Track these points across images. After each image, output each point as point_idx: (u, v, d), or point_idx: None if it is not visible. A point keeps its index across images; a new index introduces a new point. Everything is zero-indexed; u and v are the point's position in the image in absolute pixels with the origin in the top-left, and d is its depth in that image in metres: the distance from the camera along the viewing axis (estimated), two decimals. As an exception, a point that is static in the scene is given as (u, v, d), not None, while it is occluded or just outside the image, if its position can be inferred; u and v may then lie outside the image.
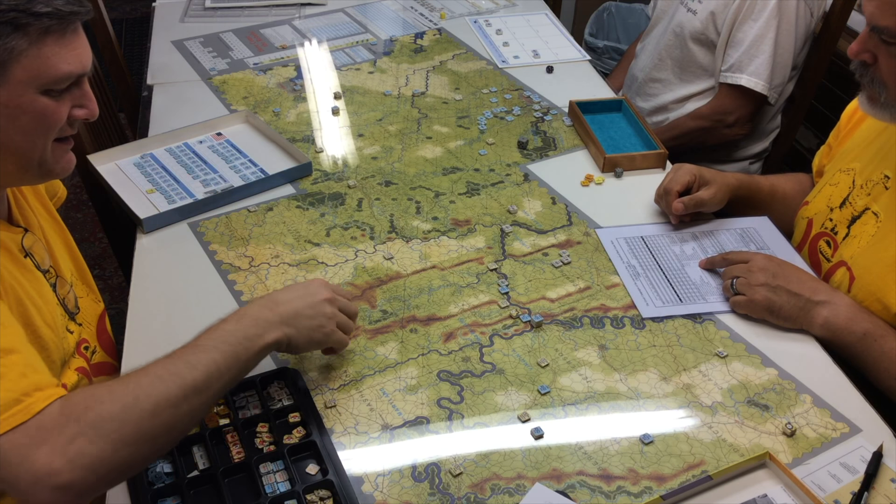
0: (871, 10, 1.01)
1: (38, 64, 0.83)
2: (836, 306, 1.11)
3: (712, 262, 1.23)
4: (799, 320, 1.12)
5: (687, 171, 1.31)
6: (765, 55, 1.71)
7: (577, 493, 0.93)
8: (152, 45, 1.88)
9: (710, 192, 1.29)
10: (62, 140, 0.93)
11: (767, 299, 1.12)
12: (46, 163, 0.92)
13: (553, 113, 1.65)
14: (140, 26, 3.94)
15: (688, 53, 1.84)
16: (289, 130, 1.57)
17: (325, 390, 1.04)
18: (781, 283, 1.13)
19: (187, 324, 1.13)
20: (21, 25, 0.81)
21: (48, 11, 0.82)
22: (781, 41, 1.71)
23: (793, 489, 0.93)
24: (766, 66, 1.71)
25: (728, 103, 1.79)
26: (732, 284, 1.16)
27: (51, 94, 0.86)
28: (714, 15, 1.76)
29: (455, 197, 1.40)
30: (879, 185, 1.18)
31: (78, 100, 0.90)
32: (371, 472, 0.94)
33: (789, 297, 1.12)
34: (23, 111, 0.85)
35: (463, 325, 1.15)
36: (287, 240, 1.29)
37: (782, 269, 1.15)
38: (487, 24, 2.01)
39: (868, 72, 1.06)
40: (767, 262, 1.16)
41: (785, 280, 1.13)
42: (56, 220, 1.13)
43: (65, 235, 1.14)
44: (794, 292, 1.12)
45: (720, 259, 1.23)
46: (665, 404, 1.04)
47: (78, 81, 0.89)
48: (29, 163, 0.90)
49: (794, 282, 1.13)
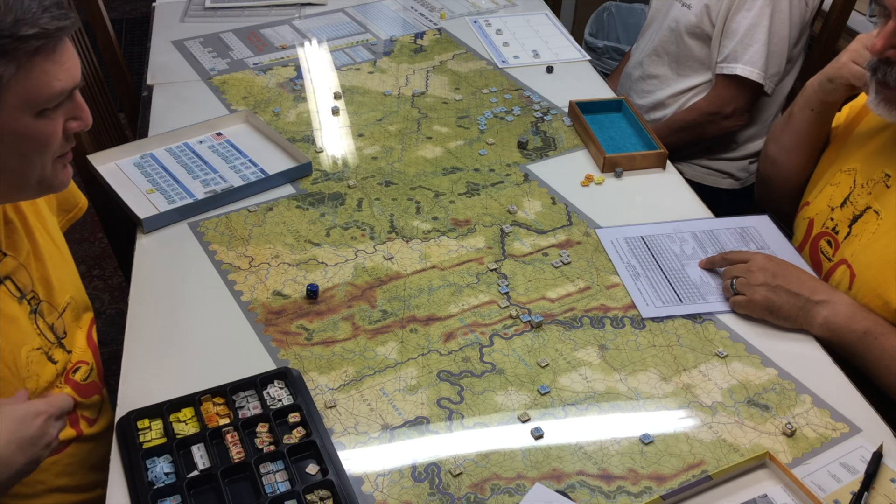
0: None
1: (30, 87, 0.81)
2: (835, 305, 1.11)
3: (712, 262, 1.23)
4: (798, 320, 1.12)
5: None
6: (759, 44, 1.71)
7: (577, 493, 0.93)
8: (152, 45, 1.88)
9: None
10: (61, 156, 0.91)
11: (767, 299, 1.12)
12: (46, 179, 0.90)
13: (553, 113, 1.65)
14: (140, 26, 3.94)
15: (684, 48, 1.85)
16: (289, 130, 1.57)
17: (325, 390, 1.04)
18: (781, 282, 1.12)
19: (187, 324, 1.14)
20: (8, 52, 0.78)
21: (35, 33, 0.78)
22: (775, 30, 1.72)
23: (793, 489, 0.93)
24: (761, 55, 1.72)
25: (725, 94, 1.80)
26: (732, 284, 1.16)
27: (45, 114, 0.84)
28: (708, 7, 1.77)
29: (455, 197, 1.40)
30: (880, 183, 1.18)
31: (71, 112, 0.88)
32: (371, 472, 0.95)
33: (789, 297, 1.12)
34: (19, 136, 0.83)
35: (463, 325, 1.15)
36: (287, 240, 1.29)
37: (782, 269, 1.14)
38: (487, 24, 2.01)
39: (892, 70, 1.04)
40: (767, 262, 1.15)
41: (784, 280, 1.13)
42: (55, 243, 1.10)
43: (65, 258, 1.12)
44: (794, 292, 1.12)
45: (720, 259, 1.22)
46: (665, 404, 1.04)
47: (70, 94, 0.87)
48: (27, 182, 0.89)
49: (793, 281, 1.13)
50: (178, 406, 1.00)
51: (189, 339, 1.11)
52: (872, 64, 1.07)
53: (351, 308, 1.17)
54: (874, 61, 1.06)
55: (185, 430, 0.97)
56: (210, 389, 1.01)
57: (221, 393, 1.01)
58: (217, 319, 1.14)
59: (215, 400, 1.01)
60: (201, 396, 1.00)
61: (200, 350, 1.09)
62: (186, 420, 0.99)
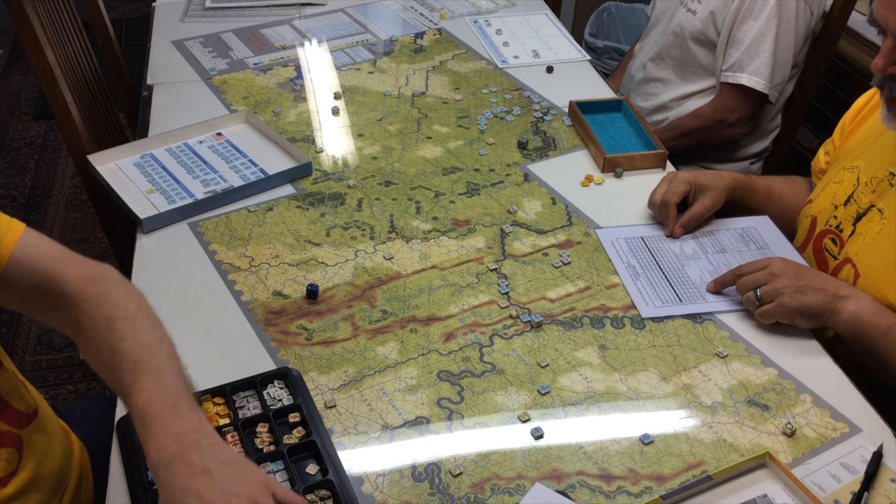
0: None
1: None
2: (860, 300, 1.09)
3: (724, 283, 1.19)
4: (824, 316, 1.10)
5: (683, 181, 1.30)
6: (765, 54, 1.71)
7: (577, 493, 0.93)
8: (152, 45, 1.88)
9: (706, 203, 1.30)
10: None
11: (798, 301, 1.10)
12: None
13: (553, 113, 1.65)
14: (140, 26, 3.94)
15: (688, 53, 1.84)
16: (289, 130, 1.57)
17: (325, 390, 1.04)
18: (805, 282, 1.11)
19: (187, 324, 1.14)
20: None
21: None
22: (782, 40, 1.71)
23: (793, 489, 0.93)
24: (767, 66, 1.72)
25: (729, 102, 1.80)
26: (757, 296, 1.13)
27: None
28: (714, 15, 1.76)
29: (455, 197, 1.40)
30: (884, 182, 1.18)
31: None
32: (371, 472, 0.95)
33: (816, 294, 1.10)
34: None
35: (463, 325, 1.15)
36: (287, 240, 1.29)
37: (801, 269, 1.14)
38: (487, 24, 2.01)
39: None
40: (786, 265, 1.13)
41: (808, 279, 1.11)
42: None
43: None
44: (821, 288, 1.10)
45: (732, 276, 1.18)
46: (665, 404, 1.04)
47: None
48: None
49: (816, 279, 1.12)
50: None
51: (189, 339, 1.11)
52: (878, 81, 1.07)
53: (351, 308, 1.17)
54: (879, 79, 1.06)
55: (185, 430, 0.97)
56: (210, 389, 1.01)
57: (221, 393, 1.01)
58: (217, 319, 1.14)
59: (215, 400, 1.01)
60: (201, 396, 1.00)
61: (200, 350, 1.09)
62: (186, 420, 0.98)
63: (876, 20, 1.03)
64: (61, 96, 1.49)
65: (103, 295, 0.88)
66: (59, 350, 2.29)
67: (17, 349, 2.29)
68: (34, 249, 0.92)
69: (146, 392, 0.79)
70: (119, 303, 0.88)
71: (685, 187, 1.29)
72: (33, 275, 0.90)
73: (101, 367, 0.87)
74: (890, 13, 1.00)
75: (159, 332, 0.87)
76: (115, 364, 0.83)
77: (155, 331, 0.87)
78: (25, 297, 0.92)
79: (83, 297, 0.89)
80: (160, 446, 0.75)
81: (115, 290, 0.89)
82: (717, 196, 1.30)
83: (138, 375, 0.81)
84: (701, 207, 1.30)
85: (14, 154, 3.13)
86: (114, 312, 0.87)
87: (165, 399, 0.79)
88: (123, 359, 0.83)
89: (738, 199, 1.35)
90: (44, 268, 0.90)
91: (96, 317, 0.87)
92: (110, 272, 0.93)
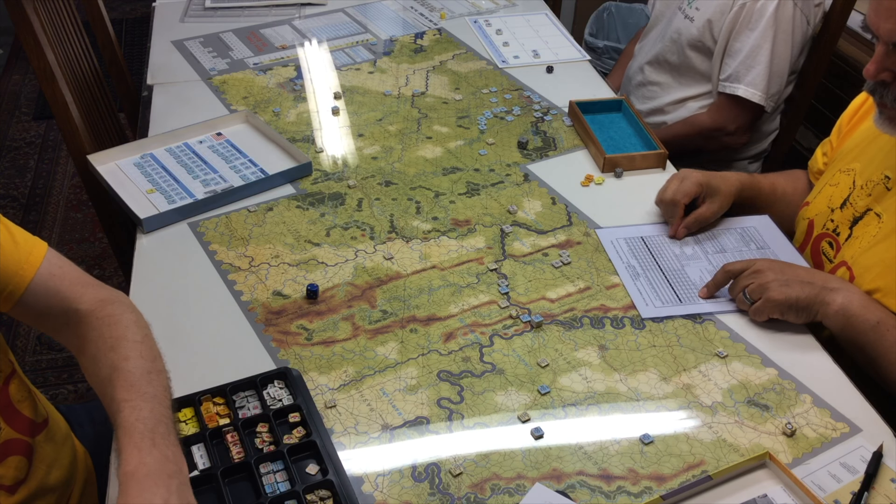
0: (890, 27, 0.99)
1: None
2: (850, 293, 1.09)
3: (716, 284, 1.19)
4: (813, 309, 1.10)
5: (695, 183, 1.28)
6: (761, 65, 1.71)
7: (577, 493, 0.93)
8: (152, 45, 1.88)
9: (714, 208, 1.30)
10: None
11: (784, 294, 1.10)
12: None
13: (553, 113, 1.65)
14: (140, 26, 3.94)
15: (685, 59, 1.85)
16: (289, 130, 1.57)
17: (325, 390, 1.04)
18: (791, 276, 1.12)
19: (187, 324, 1.14)
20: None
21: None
22: (778, 51, 1.71)
23: (793, 489, 0.93)
24: (763, 77, 1.72)
25: (727, 113, 1.80)
26: (745, 295, 1.14)
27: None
28: (711, 23, 1.76)
29: (455, 197, 1.40)
30: (880, 185, 1.18)
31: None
32: (371, 472, 0.95)
33: (803, 287, 1.10)
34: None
35: (463, 325, 1.15)
36: (287, 240, 1.29)
37: (787, 265, 1.14)
38: (487, 24, 2.01)
39: (889, 91, 1.04)
40: (770, 262, 1.15)
41: (793, 273, 1.12)
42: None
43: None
44: (807, 281, 1.11)
45: (721, 275, 1.18)
46: (665, 404, 1.04)
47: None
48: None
49: (802, 273, 1.12)
50: (177, 406, 0.99)
51: (189, 339, 1.11)
52: (870, 87, 1.07)
53: (351, 308, 1.17)
54: (871, 84, 1.06)
55: (185, 430, 0.97)
56: (210, 389, 1.01)
57: (221, 393, 1.01)
58: (217, 319, 1.14)
59: (215, 400, 1.01)
60: (201, 396, 1.01)
61: (200, 350, 1.09)
62: (186, 420, 0.98)
63: (869, 26, 1.04)
64: (61, 96, 1.49)
65: (116, 317, 0.92)
66: (59, 350, 2.29)
67: (17, 349, 2.29)
68: (57, 270, 0.94)
69: (140, 410, 0.81)
70: (129, 326, 0.91)
71: (697, 189, 1.29)
72: (52, 296, 0.93)
73: (98, 382, 0.88)
74: (881, 20, 1.01)
75: (159, 364, 0.90)
76: (113, 380, 0.85)
77: (155, 361, 0.90)
78: (38, 314, 0.95)
79: (96, 315, 0.92)
80: (143, 462, 0.76)
81: (127, 314, 0.93)
82: (725, 200, 1.31)
83: (134, 394, 0.83)
84: (708, 211, 1.29)
85: (14, 154, 3.13)
86: (122, 334, 0.90)
87: (157, 423, 0.81)
88: (122, 377, 0.85)
89: (745, 201, 1.36)
90: (64, 290, 0.94)
91: (104, 335, 0.90)
92: (125, 299, 0.97)
